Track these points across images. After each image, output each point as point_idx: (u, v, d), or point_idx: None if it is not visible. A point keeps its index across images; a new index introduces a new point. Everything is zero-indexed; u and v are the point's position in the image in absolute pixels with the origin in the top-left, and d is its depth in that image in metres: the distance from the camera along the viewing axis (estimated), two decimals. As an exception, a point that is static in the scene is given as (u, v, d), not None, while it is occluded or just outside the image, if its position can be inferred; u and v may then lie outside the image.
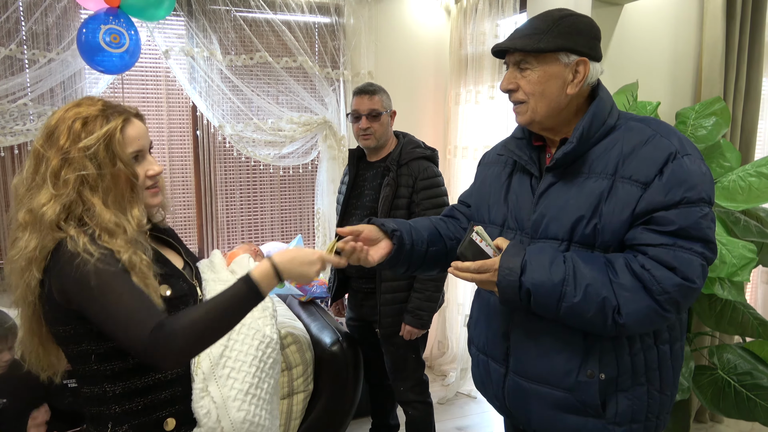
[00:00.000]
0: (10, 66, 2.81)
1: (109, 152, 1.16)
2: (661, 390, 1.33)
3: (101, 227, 1.14)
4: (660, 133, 1.27)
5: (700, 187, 1.21)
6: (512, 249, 1.29)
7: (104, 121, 1.17)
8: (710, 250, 1.22)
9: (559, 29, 1.28)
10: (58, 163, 1.13)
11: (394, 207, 2.27)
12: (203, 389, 1.28)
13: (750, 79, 2.91)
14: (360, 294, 2.47)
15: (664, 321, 1.23)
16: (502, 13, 3.23)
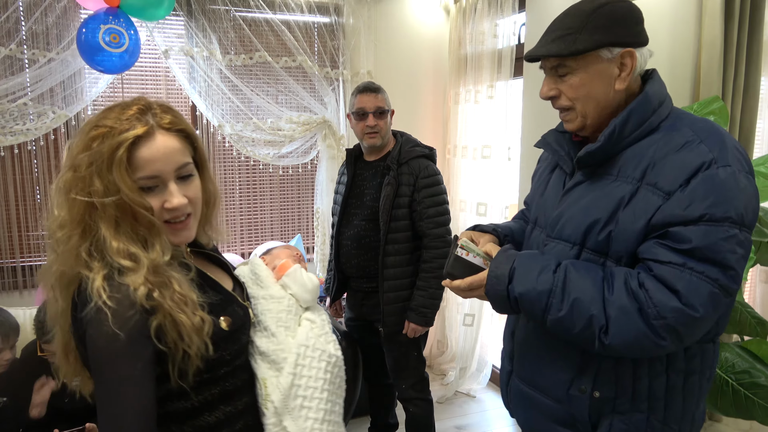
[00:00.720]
0: (10, 66, 2.82)
1: (111, 173, 0.95)
2: (665, 422, 1.21)
3: (116, 263, 0.96)
4: (701, 139, 1.12)
5: (730, 204, 1.05)
6: (501, 256, 1.23)
7: (119, 131, 0.96)
8: (728, 278, 1.05)
9: (595, 23, 1.16)
10: (70, 176, 0.98)
11: (396, 206, 2.28)
12: (276, 423, 1.16)
13: (748, 78, 2.91)
14: (360, 293, 2.47)
15: (659, 349, 1.09)
16: (501, 12, 3.24)
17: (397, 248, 2.31)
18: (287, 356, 1.20)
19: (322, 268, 3.55)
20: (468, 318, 3.56)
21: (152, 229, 0.99)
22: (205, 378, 1.03)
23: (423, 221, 2.28)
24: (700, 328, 1.09)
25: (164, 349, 0.95)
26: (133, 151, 0.97)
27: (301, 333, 1.25)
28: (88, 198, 0.95)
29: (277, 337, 1.21)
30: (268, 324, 1.22)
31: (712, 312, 1.06)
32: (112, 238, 0.96)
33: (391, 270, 2.32)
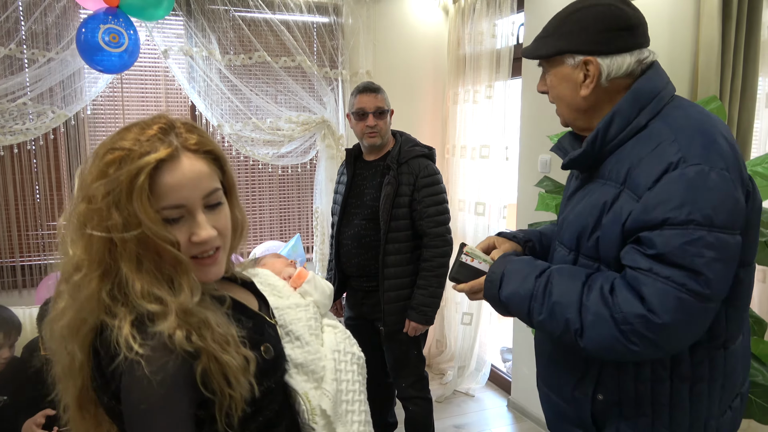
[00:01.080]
0: (10, 65, 2.82)
1: (131, 204, 0.82)
2: (671, 428, 1.18)
3: (140, 306, 0.84)
4: (675, 137, 1.09)
5: (694, 206, 1.02)
6: (499, 261, 1.27)
7: (138, 155, 0.83)
8: (698, 283, 1.02)
9: (563, 29, 1.20)
10: (84, 208, 0.84)
11: (396, 205, 2.29)
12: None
13: (746, 79, 2.92)
14: (360, 293, 2.48)
15: (635, 355, 1.07)
16: (499, 12, 3.25)
17: (398, 247, 2.32)
18: (324, 363, 1.17)
19: (321, 267, 3.55)
20: (466, 317, 3.56)
21: (179, 267, 0.86)
22: (249, 412, 0.92)
23: (423, 220, 2.29)
24: (675, 335, 1.05)
25: (210, 396, 0.85)
26: (156, 177, 0.83)
27: (329, 339, 1.23)
28: (106, 233, 0.82)
29: (312, 345, 1.17)
30: (301, 333, 1.17)
31: (683, 317, 1.03)
32: (134, 279, 0.83)
33: (391, 269, 2.32)
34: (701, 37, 2.84)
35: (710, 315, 1.08)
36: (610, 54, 1.16)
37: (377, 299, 2.39)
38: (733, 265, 1.07)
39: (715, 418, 1.19)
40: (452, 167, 3.70)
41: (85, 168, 0.87)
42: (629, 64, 1.17)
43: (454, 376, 3.58)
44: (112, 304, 0.84)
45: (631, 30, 1.17)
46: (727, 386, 1.19)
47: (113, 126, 3.14)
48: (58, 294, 0.89)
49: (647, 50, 1.20)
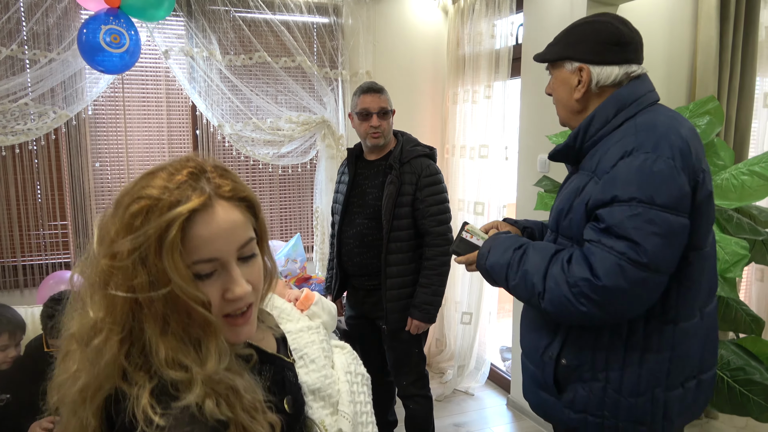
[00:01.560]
0: (11, 66, 2.83)
1: (160, 260, 0.73)
2: (620, 393, 1.32)
3: (163, 374, 0.75)
4: (636, 131, 1.27)
5: (636, 185, 1.20)
6: (490, 238, 1.48)
7: (168, 205, 0.74)
8: (636, 252, 1.19)
9: (567, 39, 1.40)
10: (106, 265, 0.75)
11: (398, 204, 2.30)
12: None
13: (744, 79, 2.94)
14: (361, 291, 2.49)
15: (583, 316, 1.24)
16: (498, 13, 3.26)
17: (400, 246, 2.33)
18: (339, 387, 1.16)
19: (321, 267, 3.57)
20: (466, 317, 3.58)
21: (208, 329, 0.77)
22: None
23: (425, 219, 2.31)
24: (616, 298, 1.22)
25: None
26: (187, 229, 0.75)
27: (339, 360, 1.22)
28: (131, 294, 0.73)
29: (327, 369, 1.16)
30: (316, 357, 1.14)
31: (623, 282, 1.19)
32: (159, 343, 0.74)
33: (393, 268, 2.34)
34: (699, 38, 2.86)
35: (651, 286, 1.23)
36: (601, 64, 1.35)
37: (378, 298, 2.41)
38: (675, 242, 1.22)
39: (663, 390, 1.33)
40: (451, 167, 3.71)
41: (106, 218, 0.78)
42: (617, 75, 1.35)
43: (454, 375, 3.60)
44: (130, 369, 0.74)
45: (623, 46, 1.35)
46: (675, 360, 1.32)
47: (114, 126, 3.15)
48: (68, 353, 0.79)
49: (637, 66, 1.37)
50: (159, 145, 3.27)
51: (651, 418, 1.33)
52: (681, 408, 1.37)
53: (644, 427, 1.34)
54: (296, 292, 1.30)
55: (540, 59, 1.47)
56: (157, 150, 3.27)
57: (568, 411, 1.40)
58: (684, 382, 1.36)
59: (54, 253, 3.11)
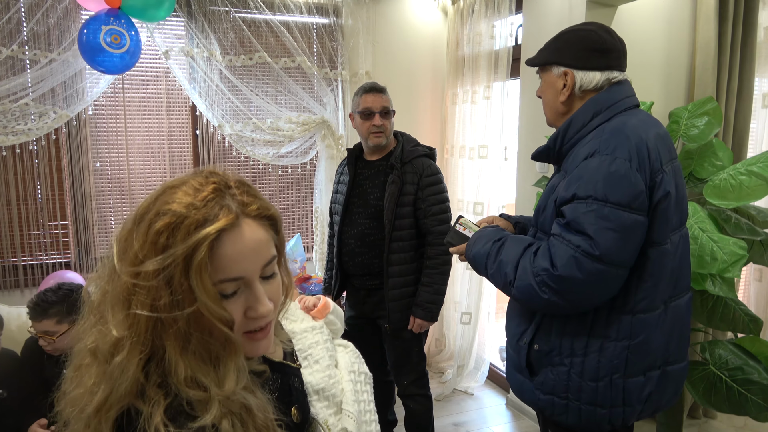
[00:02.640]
0: (12, 66, 2.84)
1: (187, 280, 0.72)
2: (582, 377, 1.43)
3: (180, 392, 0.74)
4: (603, 135, 1.37)
5: (593, 185, 1.31)
6: (477, 231, 1.61)
7: (196, 224, 0.72)
8: (590, 245, 1.30)
9: (555, 45, 1.50)
10: (129, 283, 0.73)
11: (400, 204, 2.31)
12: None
13: (742, 79, 2.94)
14: (362, 291, 2.50)
15: (546, 303, 1.36)
16: (498, 14, 3.27)
17: (402, 246, 2.34)
18: (343, 386, 1.15)
19: (321, 266, 3.57)
20: (465, 316, 3.59)
21: (229, 348, 0.76)
22: None
23: (427, 219, 2.32)
24: (573, 288, 1.33)
25: None
26: (214, 248, 0.73)
27: (342, 359, 1.21)
28: (156, 313, 0.72)
29: (331, 369, 1.15)
30: (320, 357, 1.13)
31: (577, 273, 1.31)
32: (179, 361, 0.73)
33: (395, 267, 2.35)
34: (698, 39, 2.87)
35: (609, 278, 1.32)
36: (584, 69, 1.45)
37: (379, 297, 2.42)
38: (630, 237, 1.31)
39: (622, 376, 1.42)
40: (451, 167, 3.72)
41: (126, 232, 0.76)
42: (599, 80, 1.44)
43: (453, 374, 3.61)
44: (147, 386, 0.73)
45: (605, 53, 1.44)
46: (633, 349, 1.41)
47: (114, 126, 3.16)
48: (83, 367, 0.78)
49: (618, 72, 1.46)
50: (159, 146, 3.28)
51: (610, 402, 1.43)
52: (642, 395, 1.45)
53: (604, 410, 1.44)
54: (312, 300, 1.29)
55: (530, 63, 1.58)
56: (158, 150, 3.27)
57: (538, 392, 1.52)
58: (646, 370, 1.45)
59: (54, 252, 3.11)
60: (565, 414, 1.47)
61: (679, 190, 1.43)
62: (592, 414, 1.44)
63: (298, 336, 1.14)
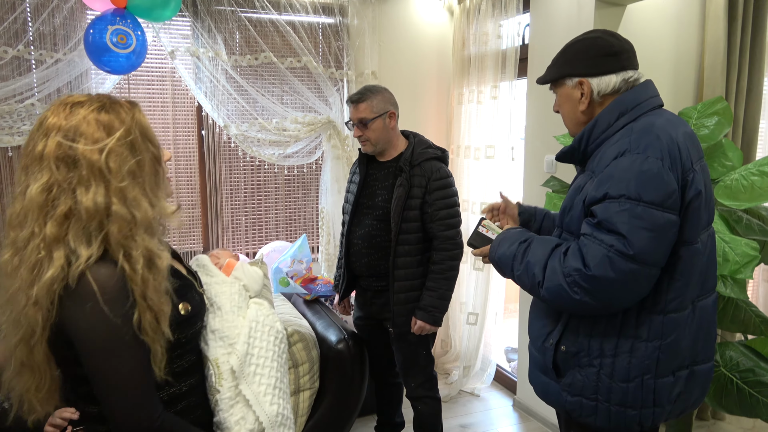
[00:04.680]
0: (18, 66, 2.83)
1: (143, 136, 1.10)
2: (612, 378, 1.42)
3: (144, 225, 1.06)
4: (631, 133, 1.37)
5: (625, 184, 1.30)
6: (502, 233, 1.60)
7: (125, 107, 1.10)
8: (624, 245, 1.29)
9: (564, 58, 1.52)
10: (100, 157, 1.03)
11: (407, 207, 2.28)
12: (233, 397, 1.26)
13: (752, 79, 2.93)
14: (369, 292, 2.48)
15: (577, 304, 1.35)
16: (505, 13, 3.25)
17: (408, 249, 2.32)
18: (240, 331, 1.32)
19: (326, 267, 3.56)
20: (472, 317, 3.57)
21: (162, 182, 1.16)
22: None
23: (434, 223, 2.29)
24: (606, 288, 1.31)
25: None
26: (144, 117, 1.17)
27: (251, 312, 1.39)
28: (132, 161, 1.12)
29: (230, 315, 1.33)
30: (223, 304, 1.34)
31: (610, 273, 1.29)
32: (144, 203, 1.11)
33: (401, 270, 2.33)
34: (707, 38, 2.85)
35: (641, 278, 1.31)
36: (598, 75, 1.46)
37: (386, 299, 2.40)
38: (662, 236, 1.31)
39: (653, 377, 1.42)
40: (457, 168, 3.70)
41: (77, 135, 1.06)
42: (615, 82, 1.45)
43: (460, 375, 3.59)
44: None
45: (616, 56, 1.46)
46: (665, 349, 1.41)
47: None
48: (38, 259, 1.03)
49: (633, 71, 1.47)
50: (165, 145, 3.25)
51: (641, 403, 1.42)
52: (672, 396, 1.45)
53: (634, 411, 1.43)
54: (224, 261, 1.51)
55: (542, 81, 1.58)
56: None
57: (565, 394, 1.50)
58: (675, 370, 1.44)
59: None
60: (594, 415, 1.46)
61: (708, 189, 1.43)
62: (622, 415, 1.43)
63: (209, 285, 1.38)
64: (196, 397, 1.25)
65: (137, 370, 1.04)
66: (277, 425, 1.30)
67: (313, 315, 2.84)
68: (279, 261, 3.18)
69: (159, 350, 1.06)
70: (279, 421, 1.30)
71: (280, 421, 1.30)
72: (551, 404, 1.59)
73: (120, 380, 1.03)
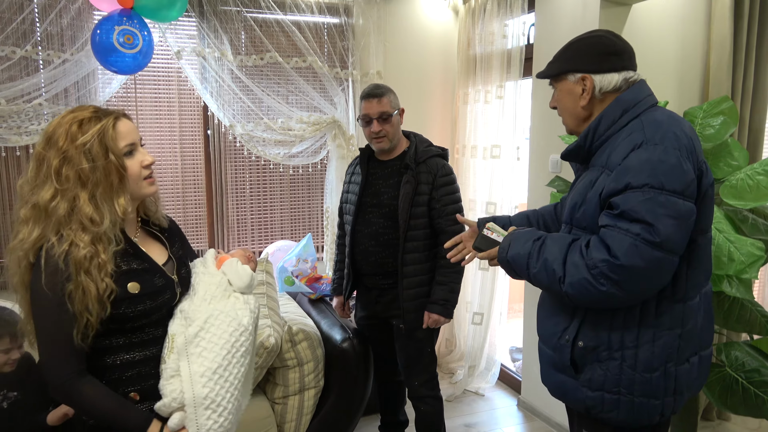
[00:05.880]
0: (26, 67, 2.85)
1: (102, 146, 1.30)
2: (635, 369, 1.42)
3: (78, 222, 1.28)
4: (644, 127, 1.39)
5: (648, 173, 1.31)
6: (509, 233, 1.59)
7: (97, 120, 1.31)
8: (650, 233, 1.30)
9: (567, 54, 1.55)
10: (58, 162, 1.27)
11: (415, 204, 2.31)
12: (174, 369, 1.37)
13: (758, 78, 2.91)
14: (374, 291, 2.48)
15: (604, 296, 1.34)
16: (510, 13, 3.25)
17: (416, 245, 2.34)
18: (201, 315, 1.41)
19: (331, 266, 3.57)
20: (477, 317, 3.57)
21: (123, 187, 1.36)
22: (111, 328, 1.33)
23: (441, 219, 2.32)
24: (634, 277, 1.32)
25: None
26: (114, 128, 1.34)
27: (224, 303, 1.46)
28: (81, 166, 1.35)
29: (199, 300, 1.44)
30: (197, 288, 1.46)
31: (639, 261, 1.30)
32: (85, 204, 1.31)
33: (410, 267, 2.34)
34: (713, 37, 2.84)
35: (665, 266, 1.33)
36: (601, 72, 1.49)
37: (392, 297, 2.41)
38: (684, 225, 1.33)
39: (674, 364, 1.44)
40: (462, 167, 3.70)
41: (51, 140, 1.32)
42: (617, 81, 1.49)
43: (464, 375, 3.59)
44: (62, 224, 1.33)
45: (619, 55, 1.50)
46: (684, 337, 1.44)
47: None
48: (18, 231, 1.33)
49: (633, 72, 1.51)
50: (171, 145, 3.28)
51: (663, 391, 1.44)
52: (688, 382, 1.48)
53: (658, 401, 1.44)
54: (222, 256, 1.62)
55: (543, 75, 1.61)
56: (169, 150, 3.28)
57: (585, 390, 1.49)
58: (689, 357, 1.48)
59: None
60: (616, 410, 1.46)
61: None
62: (646, 406, 1.44)
63: (197, 275, 1.52)
64: (149, 368, 1.40)
65: (55, 331, 1.27)
66: (202, 407, 1.34)
67: (317, 314, 2.85)
68: (284, 260, 3.19)
69: (85, 319, 1.26)
70: (205, 404, 1.35)
71: (207, 404, 1.35)
72: (568, 402, 1.58)
73: (43, 337, 1.29)
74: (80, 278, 1.26)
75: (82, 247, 1.26)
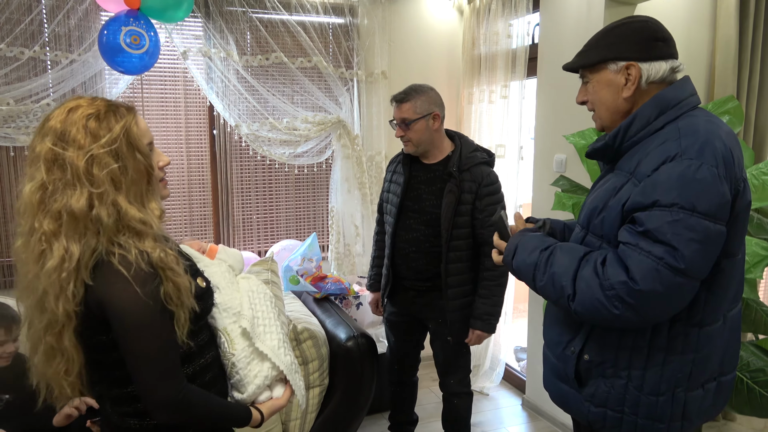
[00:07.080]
0: (34, 67, 2.88)
1: (129, 145, 1.14)
2: (641, 390, 1.34)
3: (129, 228, 1.13)
4: (680, 136, 1.25)
5: (678, 191, 1.18)
6: (517, 234, 1.50)
7: (118, 115, 1.15)
8: (674, 257, 1.18)
9: (606, 40, 1.38)
10: (84, 162, 1.09)
11: (457, 213, 2.24)
12: (248, 355, 1.37)
13: (763, 78, 2.91)
14: (412, 291, 2.44)
15: (616, 319, 1.24)
16: (515, 12, 3.26)
17: (459, 255, 2.28)
18: (241, 301, 1.44)
19: (336, 266, 3.58)
20: (481, 316, 3.57)
21: (152, 188, 1.23)
22: (192, 330, 1.22)
23: (485, 229, 2.24)
24: (651, 303, 1.21)
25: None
26: (137, 125, 1.20)
27: (243, 285, 1.50)
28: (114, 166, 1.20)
29: (228, 290, 1.45)
30: (218, 282, 1.45)
31: (659, 287, 1.19)
32: (129, 208, 1.17)
33: (454, 277, 2.29)
34: (718, 37, 2.84)
35: (685, 291, 1.22)
36: (649, 60, 1.33)
37: (429, 299, 2.38)
38: (712, 249, 1.22)
39: (684, 390, 1.34)
40: (467, 167, 3.70)
41: (65, 138, 1.12)
42: (665, 70, 1.34)
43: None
44: (117, 235, 1.18)
45: (666, 41, 1.35)
46: (697, 362, 1.33)
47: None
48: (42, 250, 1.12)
49: (678, 61, 1.37)
50: (177, 145, 3.30)
51: (670, 417, 1.35)
52: (700, 408, 1.38)
53: (663, 425, 1.35)
54: (205, 246, 1.63)
55: (577, 65, 1.43)
56: (175, 149, 3.30)
57: (588, 404, 1.42)
58: (704, 383, 1.37)
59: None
60: (618, 428, 1.38)
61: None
62: (649, 428, 1.36)
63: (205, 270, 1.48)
64: (218, 369, 1.36)
65: (162, 343, 1.15)
66: (293, 372, 1.42)
67: (322, 313, 2.86)
68: (289, 259, 3.20)
69: (182, 316, 1.17)
70: (294, 369, 1.44)
71: (294, 369, 1.44)
72: (570, 413, 1.52)
73: (148, 354, 1.13)
74: (169, 275, 1.14)
75: (151, 249, 1.13)
